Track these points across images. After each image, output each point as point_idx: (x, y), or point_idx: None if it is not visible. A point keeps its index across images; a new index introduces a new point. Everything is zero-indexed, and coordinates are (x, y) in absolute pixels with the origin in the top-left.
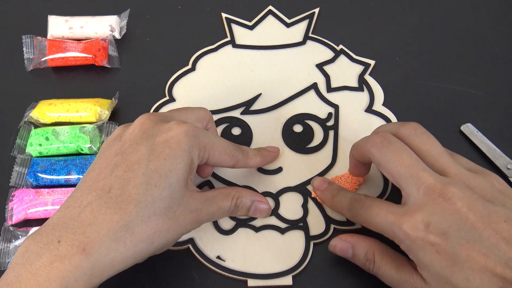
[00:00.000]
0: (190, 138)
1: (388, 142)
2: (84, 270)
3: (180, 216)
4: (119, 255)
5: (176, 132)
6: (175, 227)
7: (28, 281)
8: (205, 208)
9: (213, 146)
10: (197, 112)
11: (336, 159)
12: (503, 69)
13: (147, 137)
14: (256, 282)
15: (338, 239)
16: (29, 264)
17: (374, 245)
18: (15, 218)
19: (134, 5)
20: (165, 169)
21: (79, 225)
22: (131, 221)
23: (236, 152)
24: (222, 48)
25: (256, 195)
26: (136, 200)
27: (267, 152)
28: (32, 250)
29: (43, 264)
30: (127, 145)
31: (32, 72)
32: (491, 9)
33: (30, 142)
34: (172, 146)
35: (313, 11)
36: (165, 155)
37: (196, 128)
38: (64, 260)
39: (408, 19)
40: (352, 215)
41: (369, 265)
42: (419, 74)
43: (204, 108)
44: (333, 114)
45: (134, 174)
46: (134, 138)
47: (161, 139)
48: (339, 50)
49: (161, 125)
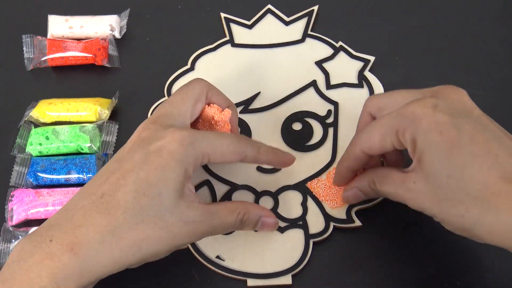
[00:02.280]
0: (184, 147)
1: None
2: (73, 269)
3: (174, 226)
4: (106, 258)
5: (169, 141)
6: (167, 237)
7: (21, 277)
8: (205, 221)
9: (214, 149)
10: (192, 90)
11: (336, 157)
12: (503, 69)
13: (143, 145)
14: (256, 281)
15: (345, 190)
16: (23, 261)
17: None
18: (16, 219)
19: (134, 5)
20: (155, 179)
21: (71, 226)
22: (118, 227)
23: (244, 148)
24: (221, 48)
25: (263, 210)
26: (124, 207)
27: (283, 154)
28: (27, 248)
29: (35, 261)
30: (125, 153)
31: (32, 72)
32: (491, 9)
33: (30, 141)
34: (164, 156)
35: (312, 8)
36: (156, 165)
37: (192, 135)
38: (54, 258)
39: (408, 18)
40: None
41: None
42: (419, 73)
43: (198, 79)
44: (332, 111)
45: (126, 181)
46: (132, 146)
47: (154, 148)
48: (339, 47)
49: (158, 133)
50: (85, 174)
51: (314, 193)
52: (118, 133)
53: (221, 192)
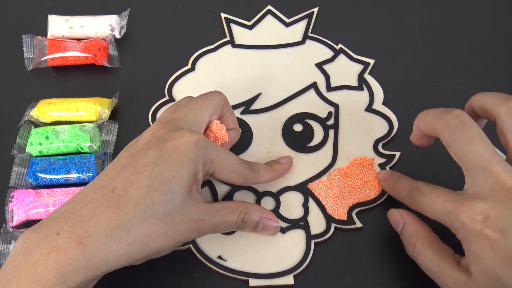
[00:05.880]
0: (198, 149)
1: (463, 125)
2: (80, 263)
3: (180, 223)
4: (114, 252)
5: (186, 140)
6: (173, 233)
7: (26, 270)
8: (208, 219)
9: (222, 162)
10: (211, 100)
11: (336, 158)
12: (503, 69)
13: (158, 143)
14: (258, 281)
15: (396, 211)
16: (28, 254)
17: (422, 232)
18: (16, 220)
19: (134, 5)
20: (169, 175)
21: (79, 219)
22: (128, 221)
23: (246, 170)
24: (221, 48)
25: (265, 212)
26: (136, 201)
27: (280, 165)
28: (32, 240)
29: (41, 254)
30: (139, 149)
31: (32, 72)
32: (491, 9)
33: (30, 141)
34: (180, 153)
35: (312, 10)
36: (171, 161)
37: (207, 141)
38: (61, 251)
39: (408, 19)
40: (411, 203)
41: (409, 247)
42: (419, 74)
43: (217, 92)
44: (333, 113)
45: (139, 176)
46: (147, 143)
47: (170, 145)
48: (339, 49)
49: (173, 133)
50: (85, 174)
51: (316, 195)
52: (118, 133)
53: (222, 192)
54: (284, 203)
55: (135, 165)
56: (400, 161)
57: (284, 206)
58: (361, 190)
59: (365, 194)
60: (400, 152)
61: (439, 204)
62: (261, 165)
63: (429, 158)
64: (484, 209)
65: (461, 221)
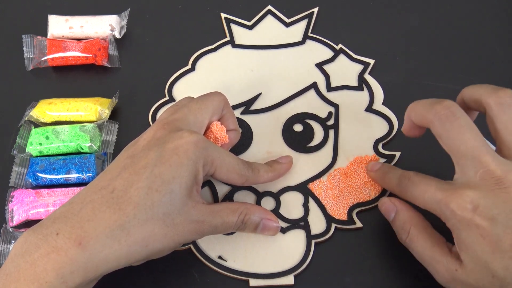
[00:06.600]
0: (198, 149)
1: (454, 115)
2: (79, 263)
3: (179, 224)
4: (113, 253)
5: (186, 141)
6: (172, 234)
7: (26, 271)
8: (208, 221)
9: (222, 163)
10: (212, 101)
11: (337, 158)
12: (503, 69)
13: (158, 144)
14: (258, 281)
15: (388, 199)
16: (28, 254)
17: (414, 219)
18: (16, 220)
19: (134, 5)
20: (169, 176)
21: (78, 220)
22: (128, 222)
23: (246, 171)
24: (221, 48)
25: (265, 212)
26: (136, 202)
27: (280, 165)
28: (31, 241)
29: (41, 255)
30: (139, 150)
31: (32, 72)
32: (491, 9)
33: (30, 141)
34: (180, 154)
35: (312, 10)
36: (171, 162)
37: (207, 141)
38: (60, 252)
39: (408, 19)
40: (401, 192)
41: (403, 234)
42: (419, 74)
43: (217, 93)
44: (333, 113)
45: (139, 177)
46: (147, 144)
47: (171, 146)
48: (339, 49)
49: (174, 134)
50: (85, 174)
51: (316, 195)
52: (118, 133)
53: (222, 192)
54: (284, 203)
55: (135, 166)
56: (400, 161)
57: (284, 206)
58: (361, 190)
59: (365, 194)
60: (400, 152)
61: (429, 194)
62: (261, 165)
63: (429, 158)
64: (474, 198)
65: (451, 210)
